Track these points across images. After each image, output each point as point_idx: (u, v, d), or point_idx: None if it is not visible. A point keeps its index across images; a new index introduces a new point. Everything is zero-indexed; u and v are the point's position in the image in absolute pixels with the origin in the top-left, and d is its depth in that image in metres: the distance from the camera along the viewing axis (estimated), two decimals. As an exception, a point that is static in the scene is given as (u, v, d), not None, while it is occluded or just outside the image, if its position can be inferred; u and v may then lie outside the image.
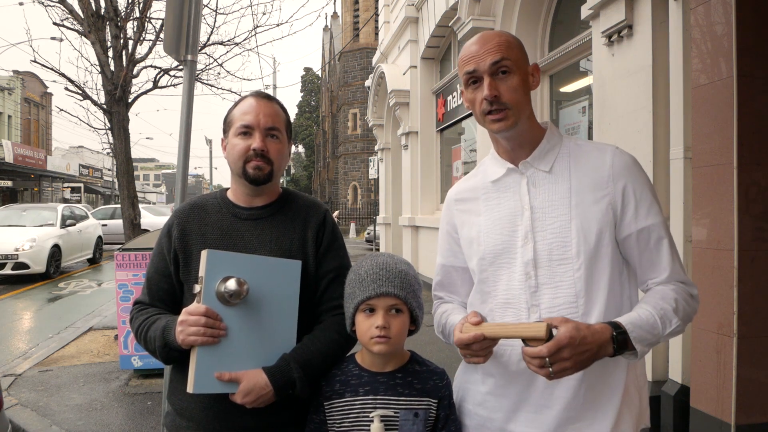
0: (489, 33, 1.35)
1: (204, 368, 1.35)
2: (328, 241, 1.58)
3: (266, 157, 1.50)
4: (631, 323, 1.20)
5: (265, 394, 1.38)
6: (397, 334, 1.35)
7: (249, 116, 1.51)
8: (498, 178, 1.41)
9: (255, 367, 1.40)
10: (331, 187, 39.86)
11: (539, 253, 1.32)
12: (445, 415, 1.38)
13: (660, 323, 1.22)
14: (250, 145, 1.49)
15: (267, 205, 1.58)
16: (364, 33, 31.83)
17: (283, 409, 1.47)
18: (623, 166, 1.31)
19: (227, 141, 1.57)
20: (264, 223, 1.55)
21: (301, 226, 1.56)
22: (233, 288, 1.34)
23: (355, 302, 1.38)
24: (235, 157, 1.52)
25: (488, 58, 1.29)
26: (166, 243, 1.57)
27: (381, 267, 1.38)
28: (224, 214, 1.57)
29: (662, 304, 1.25)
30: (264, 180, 1.52)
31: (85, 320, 7.28)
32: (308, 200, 1.65)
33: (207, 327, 1.33)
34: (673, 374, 3.36)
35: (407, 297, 1.36)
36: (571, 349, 1.12)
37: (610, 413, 1.29)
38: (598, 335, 1.16)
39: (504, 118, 1.30)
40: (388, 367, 1.41)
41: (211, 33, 6.71)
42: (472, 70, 1.31)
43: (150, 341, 1.47)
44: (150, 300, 1.57)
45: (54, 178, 31.10)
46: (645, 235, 1.29)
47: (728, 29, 2.76)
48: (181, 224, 1.56)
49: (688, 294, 1.29)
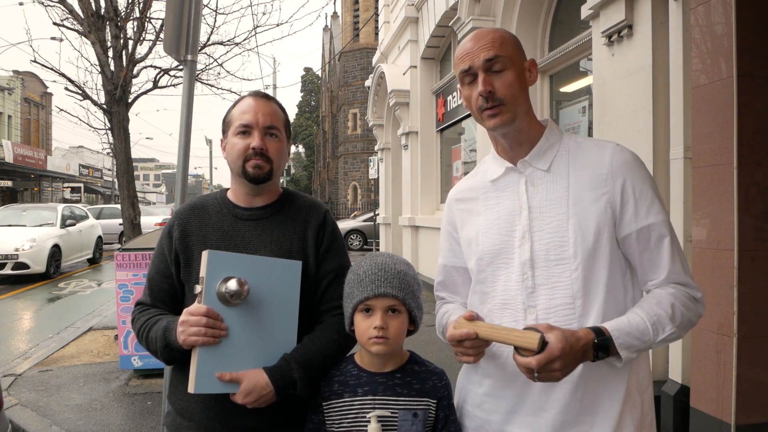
0: (483, 30, 1.34)
1: (205, 368, 1.35)
2: (329, 242, 1.58)
3: (265, 155, 1.50)
4: (618, 329, 1.18)
5: (266, 394, 1.39)
6: (395, 334, 1.35)
7: (248, 115, 1.51)
8: (497, 177, 1.39)
9: (256, 367, 1.40)
10: (331, 187, 39.87)
11: (536, 253, 1.30)
12: (444, 415, 1.38)
13: (651, 330, 1.19)
14: (250, 143, 1.50)
15: (267, 205, 1.58)
16: (364, 33, 31.83)
17: (283, 409, 1.47)
18: (622, 163, 1.28)
19: (226, 141, 1.57)
20: (264, 223, 1.55)
21: (301, 226, 1.56)
22: (234, 288, 1.34)
23: (353, 302, 1.37)
24: (235, 157, 1.52)
25: (482, 54, 1.28)
26: (167, 244, 1.57)
27: (380, 267, 1.37)
28: (224, 214, 1.57)
29: (656, 310, 1.22)
30: (263, 179, 1.52)
31: (85, 320, 7.28)
32: (308, 200, 1.65)
33: (208, 327, 1.33)
34: (673, 374, 3.36)
35: (405, 298, 1.35)
36: (561, 361, 1.11)
37: (609, 417, 1.26)
38: (581, 342, 1.15)
39: (499, 113, 1.29)
40: (386, 368, 1.41)
41: (211, 33, 6.72)
42: (467, 67, 1.31)
43: (151, 342, 1.47)
44: (151, 301, 1.57)
45: (54, 178, 31.11)
46: (645, 234, 1.26)
47: (728, 29, 2.76)
48: (182, 225, 1.56)
49: (688, 297, 1.25)
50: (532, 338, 1.11)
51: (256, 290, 1.39)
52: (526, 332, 1.14)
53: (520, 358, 1.13)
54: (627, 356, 1.19)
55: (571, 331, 1.16)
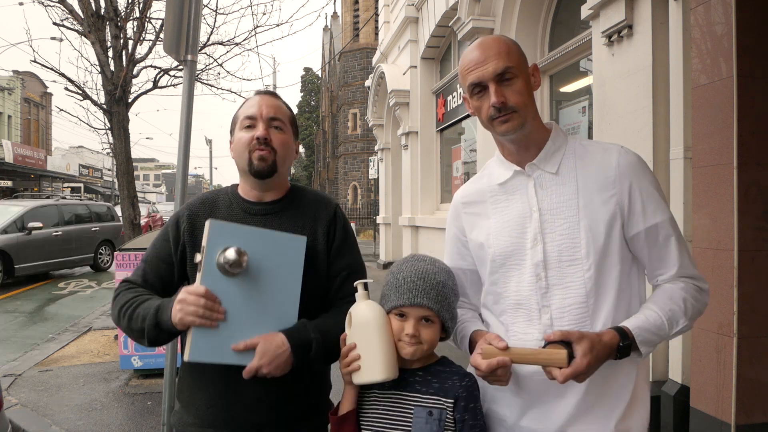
0: (488, 40, 1.36)
1: (201, 337, 1.33)
2: (341, 238, 1.59)
3: (269, 145, 1.50)
4: (638, 327, 1.25)
5: (282, 354, 1.36)
6: (427, 341, 1.35)
7: (252, 109, 1.54)
8: (505, 180, 1.42)
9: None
10: (331, 187, 39.86)
11: (549, 254, 1.33)
12: (462, 418, 1.33)
13: (667, 325, 1.27)
14: (254, 135, 1.50)
15: (277, 200, 1.59)
16: (364, 33, 31.82)
17: (289, 404, 1.49)
18: (629, 166, 1.33)
19: (233, 139, 1.57)
20: (274, 218, 1.56)
21: (311, 222, 1.57)
22: (233, 257, 1.33)
23: (388, 305, 1.37)
24: (241, 149, 1.52)
25: (491, 68, 1.31)
26: (173, 231, 1.56)
27: (419, 276, 1.35)
28: (234, 209, 1.57)
29: (670, 305, 1.29)
30: (268, 172, 1.52)
31: (85, 320, 7.28)
32: (317, 195, 1.66)
33: (206, 309, 1.32)
34: (673, 374, 3.36)
35: (440, 310, 1.34)
36: (585, 375, 1.19)
37: (620, 406, 1.33)
38: (607, 347, 1.22)
39: (510, 119, 1.32)
40: (411, 365, 1.40)
41: (211, 33, 6.72)
42: (477, 82, 1.33)
43: (135, 319, 1.41)
44: (141, 281, 1.53)
45: (54, 178, 31.07)
46: (653, 232, 1.32)
47: (728, 29, 2.76)
48: (191, 217, 1.55)
49: (696, 290, 1.33)
50: (560, 357, 1.18)
51: (258, 263, 1.38)
52: (554, 351, 1.20)
53: (548, 375, 1.21)
54: (646, 351, 1.26)
55: (599, 338, 1.22)
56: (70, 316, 7.64)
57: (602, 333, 1.24)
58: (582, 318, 1.31)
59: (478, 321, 1.50)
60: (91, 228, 12.56)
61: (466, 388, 1.34)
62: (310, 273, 1.48)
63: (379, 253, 13.34)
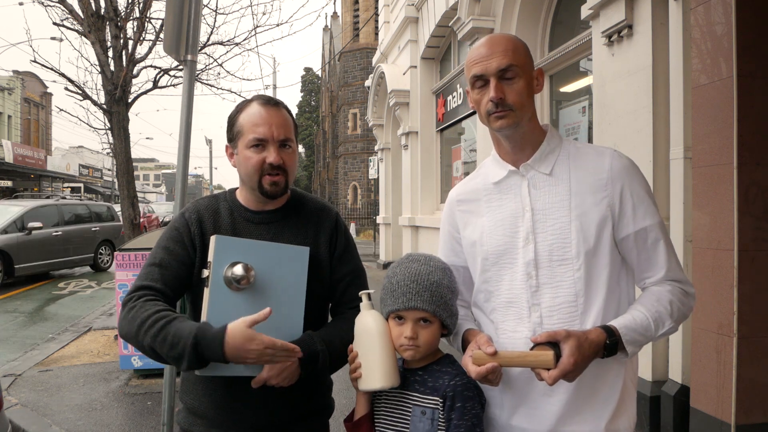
0: (497, 36, 1.39)
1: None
2: (343, 246, 1.61)
3: (282, 168, 1.49)
4: (625, 326, 1.27)
5: (290, 366, 1.38)
6: (426, 343, 1.37)
7: (262, 129, 1.46)
8: (499, 179, 1.44)
9: None
10: (331, 187, 39.86)
11: (540, 253, 1.35)
12: (448, 417, 1.33)
13: (653, 325, 1.29)
14: (265, 158, 1.47)
15: (278, 209, 1.58)
16: (364, 33, 31.82)
17: (294, 407, 1.50)
18: (621, 169, 1.35)
19: (237, 151, 1.52)
20: (275, 227, 1.55)
21: (313, 230, 1.58)
22: (240, 273, 1.36)
23: (386, 310, 1.40)
24: (250, 171, 1.48)
25: (495, 63, 1.33)
26: (186, 233, 1.51)
27: (413, 278, 1.36)
28: (236, 218, 1.56)
29: (657, 307, 1.31)
30: (280, 194, 1.52)
31: (85, 320, 7.28)
32: (318, 203, 1.65)
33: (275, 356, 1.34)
34: (673, 374, 3.36)
35: (436, 310, 1.35)
36: (573, 374, 1.20)
37: (609, 407, 1.34)
38: (594, 345, 1.24)
39: (506, 116, 1.34)
40: (414, 365, 1.42)
41: (211, 33, 6.70)
42: (480, 74, 1.35)
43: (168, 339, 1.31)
44: (162, 285, 1.44)
45: (54, 178, 31.06)
46: (642, 235, 1.34)
47: (728, 29, 2.76)
48: (199, 222, 1.53)
49: (683, 293, 1.35)
50: (547, 359, 1.20)
51: (263, 276, 1.41)
52: (540, 353, 1.22)
53: (537, 377, 1.24)
54: (632, 351, 1.29)
55: (585, 336, 1.24)
56: (70, 316, 7.64)
57: (589, 331, 1.26)
58: (571, 318, 1.33)
59: (470, 319, 1.52)
60: (91, 228, 12.57)
61: (454, 387, 1.35)
62: (314, 281, 1.49)
63: (379, 253, 13.35)
